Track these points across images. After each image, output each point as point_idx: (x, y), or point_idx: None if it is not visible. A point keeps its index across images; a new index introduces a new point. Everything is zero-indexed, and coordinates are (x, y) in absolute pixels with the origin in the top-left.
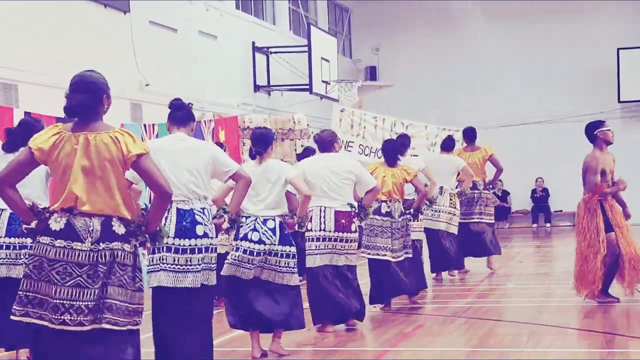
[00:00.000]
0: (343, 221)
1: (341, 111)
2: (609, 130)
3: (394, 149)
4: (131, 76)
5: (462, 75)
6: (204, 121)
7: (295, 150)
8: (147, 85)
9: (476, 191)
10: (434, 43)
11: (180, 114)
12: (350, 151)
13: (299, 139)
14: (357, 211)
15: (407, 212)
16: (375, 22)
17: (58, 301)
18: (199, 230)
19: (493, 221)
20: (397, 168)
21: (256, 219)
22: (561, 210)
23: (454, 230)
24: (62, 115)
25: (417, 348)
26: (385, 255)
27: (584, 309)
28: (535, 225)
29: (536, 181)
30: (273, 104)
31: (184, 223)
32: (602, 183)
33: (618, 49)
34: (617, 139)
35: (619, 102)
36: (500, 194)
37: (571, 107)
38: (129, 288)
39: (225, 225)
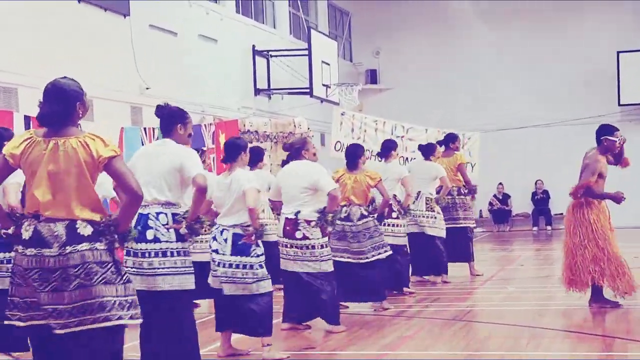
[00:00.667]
0: (288, 228)
1: (342, 114)
2: (617, 141)
3: (354, 154)
4: (131, 79)
5: (462, 79)
6: (204, 125)
7: None
8: (147, 88)
9: (449, 197)
10: (434, 46)
11: (161, 123)
12: None
13: None
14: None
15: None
16: (376, 26)
17: (42, 306)
18: (149, 234)
19: (474, 226)
20: (361, 173)
21: (218, 227)
22: (562, 213)
23: (440, 233)
24: None
25: (417, 351)
26: (342, 257)
27: (583, 313)
28: (535, 228)
29: (536, 184)
30: (273, 108)
31: (138, 227)
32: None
33: (618, 52)
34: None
35: (619, 105)
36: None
37: (571, 109)
38: (116, 283)
39: (183, 230)
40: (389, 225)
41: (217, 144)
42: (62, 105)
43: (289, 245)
